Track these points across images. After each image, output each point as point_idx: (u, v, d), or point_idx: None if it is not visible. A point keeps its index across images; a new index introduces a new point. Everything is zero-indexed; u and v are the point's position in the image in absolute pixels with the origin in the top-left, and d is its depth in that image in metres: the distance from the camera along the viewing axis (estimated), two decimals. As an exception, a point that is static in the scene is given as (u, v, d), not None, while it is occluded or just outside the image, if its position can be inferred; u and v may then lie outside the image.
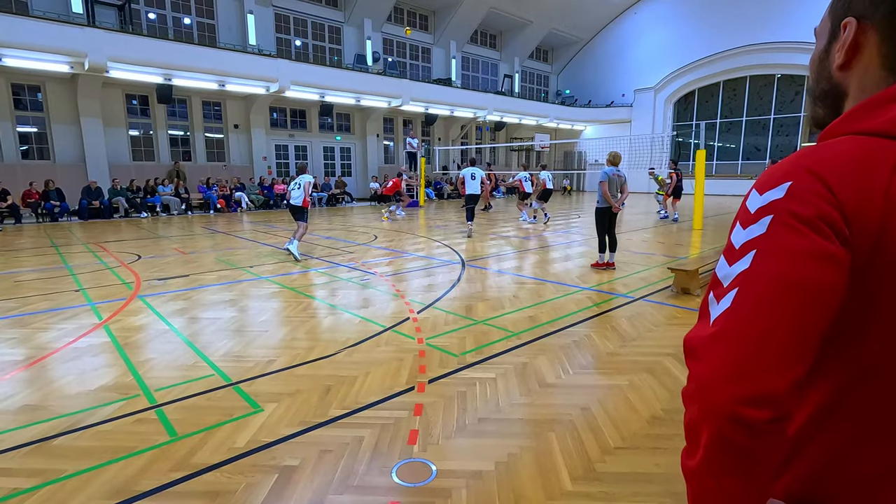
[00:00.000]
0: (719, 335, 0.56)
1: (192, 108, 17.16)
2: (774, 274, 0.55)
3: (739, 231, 0.61)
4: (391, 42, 23.22)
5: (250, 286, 5.79)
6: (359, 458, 2.30)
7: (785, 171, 0.60)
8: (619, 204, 6.44)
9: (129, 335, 4.05)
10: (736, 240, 0.61)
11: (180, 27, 17.29)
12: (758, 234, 0.58)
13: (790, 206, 0.57)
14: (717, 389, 0.53)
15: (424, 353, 3.61)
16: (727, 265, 0.60)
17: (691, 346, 0.59)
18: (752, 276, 0.57)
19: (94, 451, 2.35)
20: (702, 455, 0.55)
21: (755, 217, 0.60)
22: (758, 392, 0.52)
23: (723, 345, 0.55)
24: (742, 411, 0.52)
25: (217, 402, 2.87)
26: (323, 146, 20.77)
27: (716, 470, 0.55)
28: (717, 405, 0.53)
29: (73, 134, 14.81)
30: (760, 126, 24.33)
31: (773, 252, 0.56)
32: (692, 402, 0.57)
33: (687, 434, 0.59)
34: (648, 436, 2.50)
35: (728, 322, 0.56)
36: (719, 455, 0.54)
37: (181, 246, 8.96)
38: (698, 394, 0.56)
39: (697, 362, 0.57)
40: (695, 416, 0.56)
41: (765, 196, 0.60)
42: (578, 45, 30.39)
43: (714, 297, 0.60)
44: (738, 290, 0.57)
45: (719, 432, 0.53)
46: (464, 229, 10.70)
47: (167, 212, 15.19)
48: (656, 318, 4.48)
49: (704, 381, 0.55)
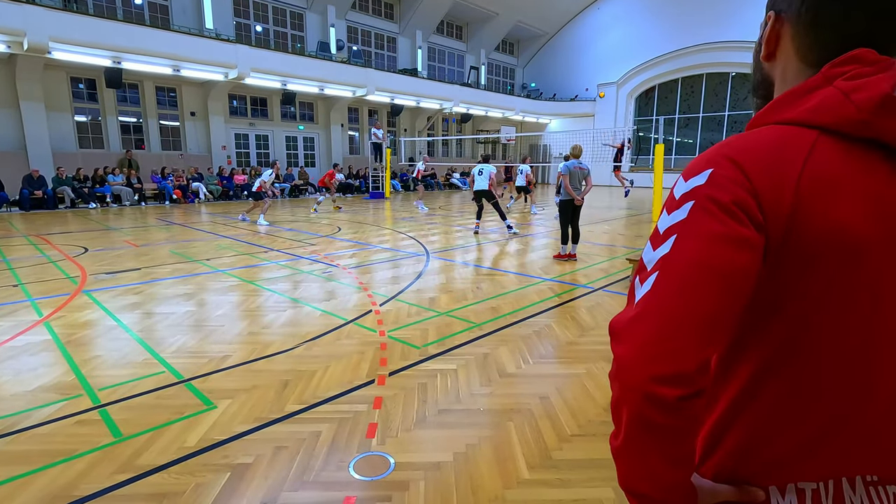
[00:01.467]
0: (638, 317, 0.58)
1: (144, 94, 16.32)
2: (691, 258, 0.57)
3: (665, 216, 0.62)
4: (356, 30, 22.75)
5: (207, 279, 5.59)
6: (315, 453, 2.26)
7: (707, 158, 0.62)
8: (581, 196, 6.55)
9: (72, 332, 3.84)
10: (661, 225, 0.62)
11: (130, 7, 16.37)
12: (679, 219, 0.60)
13: (710, 192, 0.59)
14: (634, 369, 0.55)
15: (386, 346, 3.58)
16: (651, 250, 0.61)
17: (615, 329, 0.60)
18: (671, 260, 0.58)
19: (29, 456, 2.21)
20: (623, 434, 0.57)
21: (679, 203, 0.61)
22: (670, 370, 0.54)
23: (640, 326, 0.57)
24: (656, 389, 0.53)
25: (167, 401, 2.75)
26: (285, 136, 20.21)
27: (637, 448, 0.57)
28: (634, 384, 0.55)
29: (13, 119, 13.83)
30: (716, 122, 25.26)
31: (692, 236, 0.58)
32: (614, 383, 0.58)
33: (612, 415, 0.60)
34: (604, 423, 2.56)
35: (646, 305, 0.58)
36: (639, 433, 0.56)
37: (133, 238, 8.55)
38: (618, 375, 0.57)
39: (619, 343, 0.58)
40: (616, 396, 0.58)
41: (689, 183, 0.62)
42: (544, 39, 30.64)
43: (639, 280, 0.61)
44: (658, 273, 0.59)
45: (637, 411, 0.55)
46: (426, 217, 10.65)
47: (118, 202, 14.46)
48: (615, 308, 4.59)
49: (623, 362, 0.57)
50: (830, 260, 0.58)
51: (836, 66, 0.62)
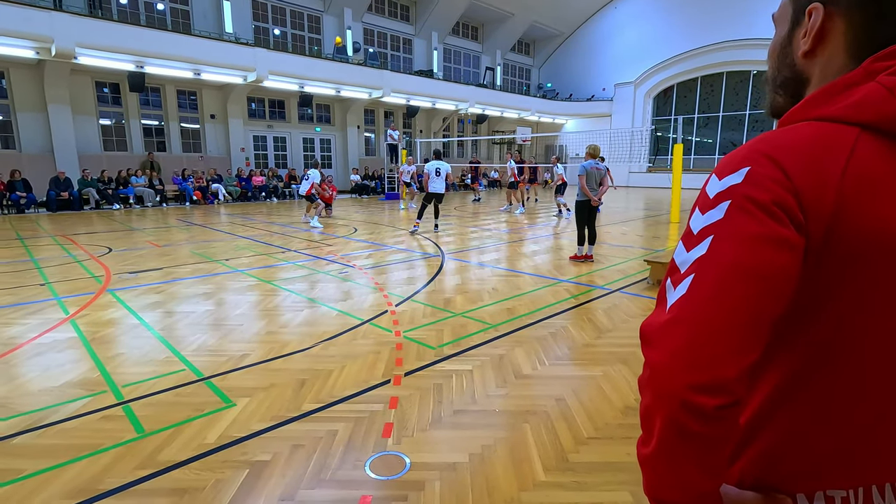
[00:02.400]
0: (673, 322, 0.55)
1: (166, 97, 16.68)
2: (729, 260, 0.55)
3: (698, 216, 0.60)
4: (372, 32, 22.91)
5: (227, 279, 5.68)
6: (332, 451, 2.28)
7: (743, 156, 0.60)
8: (597, 197, 6.50)
9: (97, 330, 3.94)
10: (694, 225, 0.60)
11: (153, 13, 16.76)
12: (716, 219, 0.58)
13: (748, 191, 0.57)
14: (670, 376, 0.53)
15: (402, 346, 3.59)
16: (685, 251, 0.59)
17: (647, 333, 0.58)
18: (707, 261, 0.56)
19: (56, 450, 2.28)
20: (656, 442, 0.55)
21: (714, 202, 0.59)
22: (709, 379, 0.52)
23: (676, 331, 0.55)
24: (694, 398, 0.51)
25: (188, 398, 2.81)
26: (302, 137, 20.45)
27: (670, 457, 0.55)
28: (670, 392, 0.53)
29: (41, 122, 14.26)
30: (736, 121, 24.80)
31: (730, 237, 0.56)
32: (646, 390, 0.57)
33: (642, 421, 0.58)
34: (621, 425, 2.53)
35: (683, 309, 0.55)
36: (673, 442, 0.54)
37: (155, 238, 8.73)
38: (652, 381, 0.55)
39: (652, 349, 0.57)
40: (649, 403, 0.56)
41: (724, 181, 0.59)
42: (560, 39, 30.46)
43: (671, 283, 0.59)
44: (693, 276, 0.56)
45: (672, 419, 0.53)
46: (440, 221, 10.64)
47: (141, 204, 14.79)
48: (632, 310, 4.54)
49: (658, 368, 0.55)
50: (874, 261, 0.56)
51: (878, 60, 0.59)
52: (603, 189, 6.58)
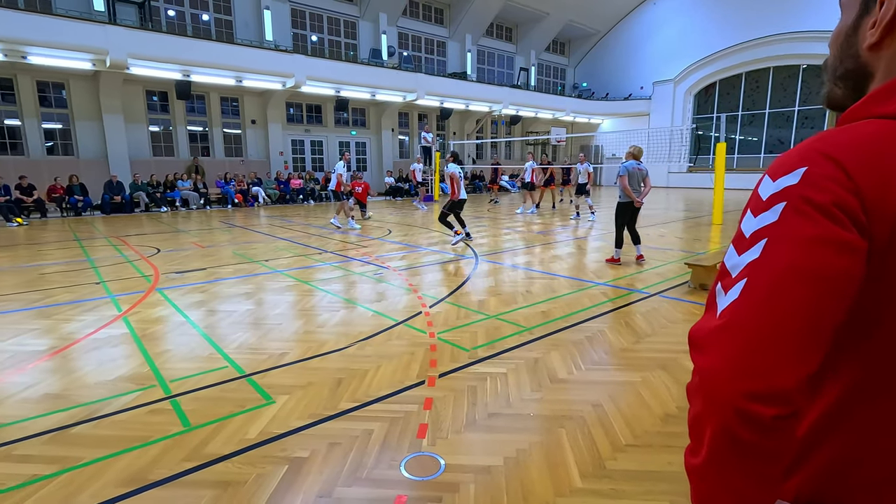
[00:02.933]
0: (726, 327, 0.53)
1: (210, 104, 17.38)
2: (787, 263, 0.52)
3: (750, 219, 0.58)
4: (406, 36, 23.17)
5: (266, 279, 5.86)
6: (368, 450, 2.31)
7: (800, 155, 0.57)
8: (640, 198, 6.36)
9: (146, 327, 4.13)
10: (746, 228, 0.58)
11: (198, 24, 17.50)
12: (769, 221, 0.55)
13: (805, 193, 0.54)
14: (724, 383, 0.51)
15: (436, 348, 3.61)
16: (736, 255, 0.57)
17: (697, 339, 0.56)
18: (762, 265, 0.54)
19: (110, 440, 2.40)
20: (706, 452, 0.53)
21: (767, 204, 0.56)
22: (766, 387, 0.49)
23: (730, 337, 0.53)
24: (749, 407, 0.49)
25: (230, 394, 2.91)
26: (339, 141, 20.87)
27: (721, 468, 0.53)
28: (723, 400, 0.51)
29: (96, 130, 15.14)
30: (784, 118, 23.69)
31: (786, 240, 0.53)
32: (696, 397, 0.55)
33: (691, 430, 0.56)
34: (661, 433, 2.45)
35: (736, 313, 0.53)
36: (725, 452, 0.52)
37: (199, 240, 9.10)
38: (703, 388, 0.53)
39: (702, 355, 0.55)
40: (699, 411, 0.54)
41: (778, 182, 0.57)
42: (596, 38, 29.93)
43: (721, 287, 0.57)
44: (746, 280, 0.54)
45: (725, 428, 0.51)
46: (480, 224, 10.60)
47: (186, 206, 15.44)
48: (672, 315, 4.41)
49: (710, 375, 0.53)
50: None
51: None
52: (646, 189, 6.44)
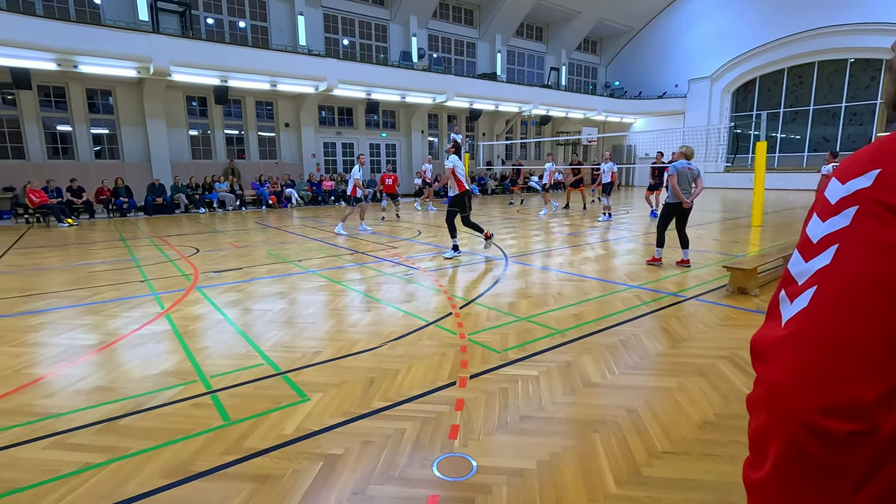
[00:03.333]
0: (795, 336, 0.51)
1: (246, 108, 17.91)
2: (861, 270, 0.50)
3: (818, 223, 0.55)
4: (436, 38, 23.28)
5: (299, 279, 5.99)
6: (400, 449, 2.34)
7: (871, 157, 0.54)
8: (690, 199, 6.21)
9: (187, 324, 4.29)
10: (813, 233, 0.55)
11: (235, 30, 18.06)
12: (840, 226, 0.53)
13: (879, 196, 0.51)
14: (793, 396, 0.49)
15: (466, 349, 3.61)
16: (803, 261, 0.55)
17: (760, 348, 0.54)
18: (834, 272, 0.51)
19: (155, 432, 2.51)
20: (771, 467, 0.51)
21: (837, 208, 0.54)
22: (842, 401, 0.47)
23: (799, 347, 0.50)
24: (822, 422, 0.47)
25: (266, 391, 2.99)
26: (369, 143, 21.15)
27: (786, 485, 0.50)
28: (792, 413, 0.49)
29: (140, 135, 15.83)
30: (830, 115, 22.64)
31: (860, 246, 0.51)
32: (760, 409, 0.52)
33: (752, 443, 0.54)
34: (699, 441, 2.39)
35: (805, 323, 0.51)
36: (792, 468, 0.49)
37: (235, 240, 9.39)
38: (769, 400, 0.51)
39: (768, 366, 0.52)
40: (763, 424, 0.52)
41: (848, 185, 0.54)
42: (629, 35, 29.33)
43: (786, 295, 0.55)
44: (816, 288, 0.52)
45: (793, 443, 0.49)
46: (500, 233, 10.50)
47: (223, 207, 15.95)
48: (709, 319, 4.28)
49: (777, 387, 0.50)
50: None
51: None
52: (697, 190, 6.28)
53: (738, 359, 3.37)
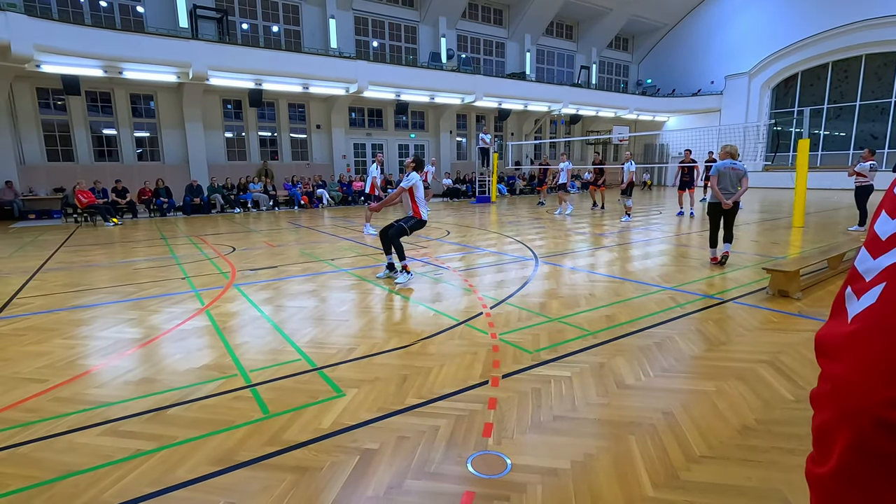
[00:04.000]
0: (862, 332, 0.51)
1: (279, 111, 18.35)
2: None
3: (887, 221, 0.55)
4: (465, 38, 23.31)
5: (331, 278, 6.11)
6: (435, 446, 2.37)
7: None
8: (729, 200, 6.06)
9: (226, 320, 4.44)
10: (882, 230, 0.55)
11: (270, 35, 18.53)
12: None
13: None
14: (861, 390, 0.49)
15: (498, 349, 3.62)
16: (871, 258, 0.55)
17: (826, 344, 0.54)
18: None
19: (200, 422, 2.62)
20: (836, 462, 0.51)
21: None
22: None
23: (867, 342, 0.50)
24: (891, 415, 0.47)
25: (304, 385, 3.07)
26: (398, 144, 21.35)
27: (853, 479, 0.50)
28: (861, 407, 0.49)
29: (179, 137, 16.43)
30: (878, 111, 21.57)
31: None
32: (826, 405, 0.53)
33: (816, 439, 0.54)
34: (739, 446, 2.33)
35: (873, 319, 0.51)
36: (859, 463, 0.50)
37: (269, 239, 9.64)
38: (836, 395, 0.52)
39: (834, 362, 0.53)
40: (829, 419, 0.52)
41: None
42: (662, 32, 28.67)
43: (853, 291, 0.55)
44: (885, 284, 0.52)
45: (861, 438, 0.49)
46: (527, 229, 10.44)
47: (257, 207, 16.38)
48: (749, 322, 4.16)
49: (844, 382, 0.51)
50: None
51: None
52: (742, 190, 6.12)
53: (780, 363, 3.27)
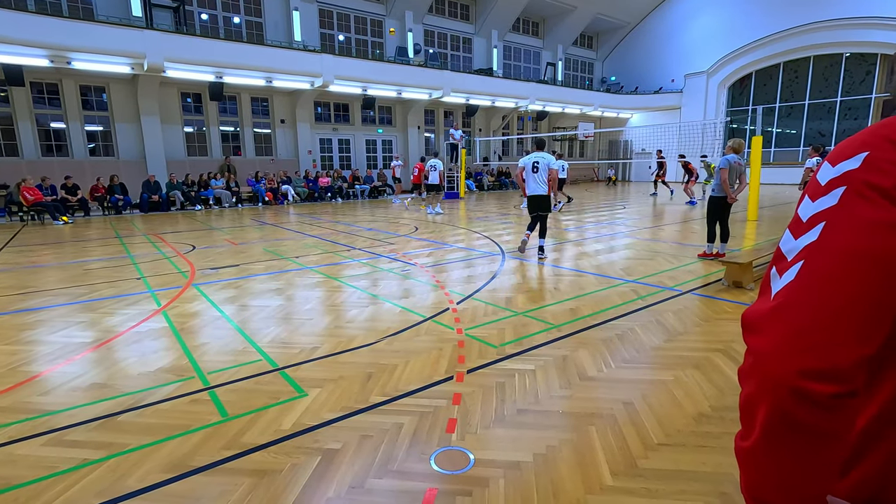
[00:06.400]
0: (781, 307, 0.53)
1: (241, 105, 17.81)
2: (846, 245, 0.52)
3: (808, 204, 0.57)
4: (432, 33, 23.20)
5: (296, 276, 5.99)
6: (398, 443, 2.35)
7: (862, 141, 0.56)
8: (735, 194, 6.22)
9: (184, 321, 4.29)
10: (803, 213, 0.57)
11: (230, 26, 17.94)
12: (828, 205, 0.55)
13: (866, 177, 0.54)
14: (778, 362, 0.51)
15: (463, 344, 3.62)
16: (792, 238, 0.57)
17: (750, 321, 0.56)
18: (820, 247, 0.54)
19: (154, 428, 2.51)
20: (758, 433, 0.53)
21: (826, 189, 0.56)
22: (822, 364, 0.49)
23: (785, 316, 0.53)
24: (805, 384, 0.49)
25: (264, 386, 2.99)
26: (365, 139, 21.09)
27: (773, 451, 0.52)
28: (778, 378, 0.50)
29: (135, 132, 15.73)
30: (825, 109, 22.72)
31: (846, 223, 0.53)
32: (749, 378, 0.54)
33: (742, 413, 0.56)
34: (694, 433, 2.41)
35: (791, 294, 0.53)
36: (779, 433, 0.51)
37: (232, 237, 9.36)
38: (756, 367, 0.53)
39: (756, 336, 0.55)
40: (752, 391, 0.54)
41: (838, 167, 0.56)
42: (625, 30, 29.31)
43: (776, 271, 0.57)
44: (803, 262, 0.54)
45: (779, 407, 0.50)
46: (512, 224, 10.55)
47: (219, 204, 15.89)
48: (705, 313, 4.30)
49: (764, 354, 0.53)
50: None
51: None
52: (741, 186, 6.28)
53: (734, 351, 3.40)
